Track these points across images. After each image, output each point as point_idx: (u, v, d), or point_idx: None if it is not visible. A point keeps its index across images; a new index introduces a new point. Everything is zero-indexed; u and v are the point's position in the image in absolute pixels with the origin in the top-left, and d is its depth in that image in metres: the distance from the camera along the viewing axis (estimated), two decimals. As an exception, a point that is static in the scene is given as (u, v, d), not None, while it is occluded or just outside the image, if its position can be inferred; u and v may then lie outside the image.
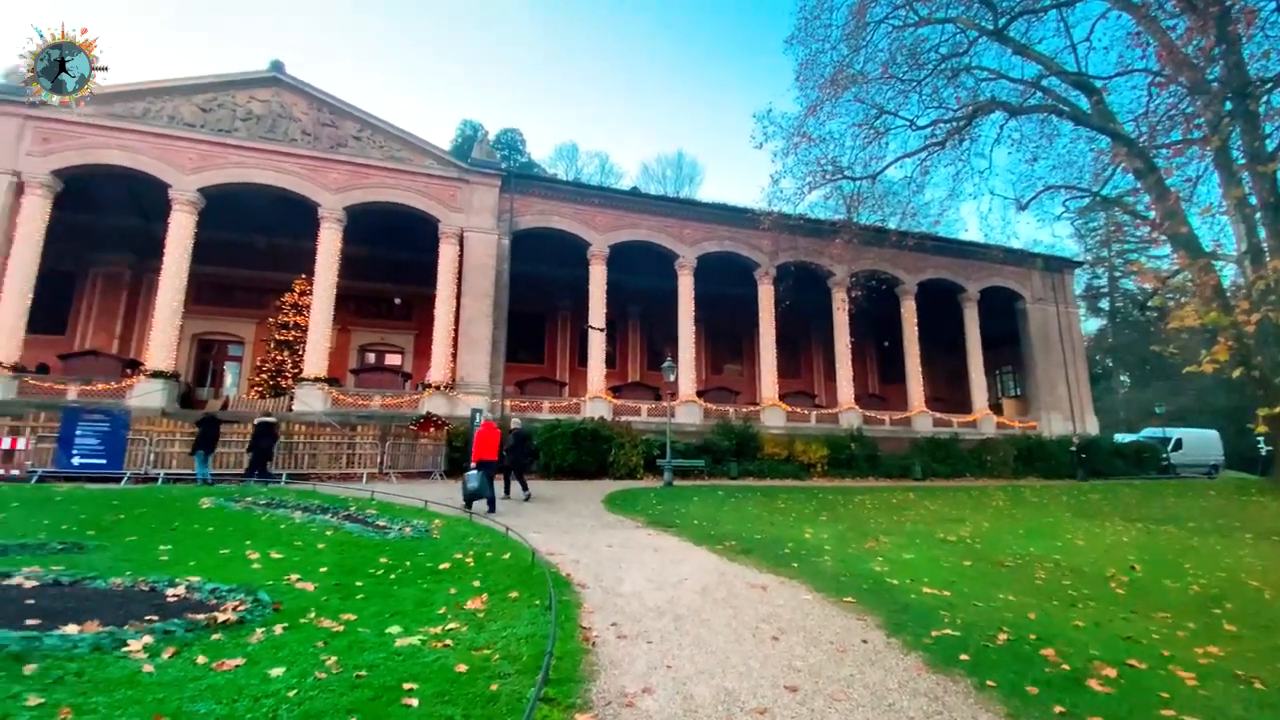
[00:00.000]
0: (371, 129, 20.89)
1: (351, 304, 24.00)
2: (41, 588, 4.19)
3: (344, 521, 7.70)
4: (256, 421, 14.15)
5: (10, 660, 2.98)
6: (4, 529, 6.41)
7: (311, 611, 4.09)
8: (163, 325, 17.89)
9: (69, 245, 19.55)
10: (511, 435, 12.50)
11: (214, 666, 3.09)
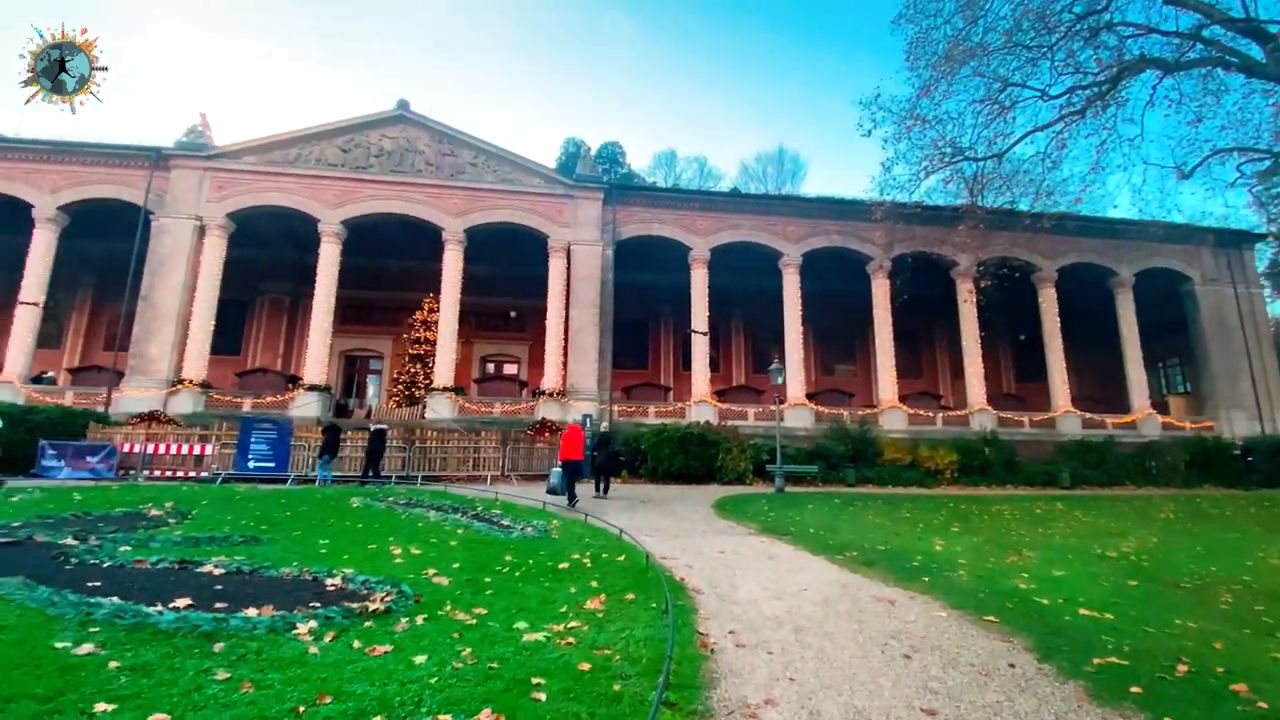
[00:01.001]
0: (485, 155, 22.31)
1: (473, 319, 25.66)
2: (227, 575, 4.84)
3: (472, 521, 8.22)
4: (371, 429, 15.60)
5: (202, 639, 3.46)
6: (197, 524, 7.50)
7: (447, 605, 4.38)
8: (316, 344, 20.17)
9: (241, 277, 22.57)
10: (597, 438, 13.43)
11: (367, 651, 3.40)
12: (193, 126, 20.96)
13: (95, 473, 14.20)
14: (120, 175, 20.54)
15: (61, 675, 2.86)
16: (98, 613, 3.57)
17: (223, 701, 2.71)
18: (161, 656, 3.14)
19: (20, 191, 19.93)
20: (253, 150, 21.14)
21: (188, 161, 20.51)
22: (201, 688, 2.83)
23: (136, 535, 6.31)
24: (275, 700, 2.74)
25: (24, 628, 3.39)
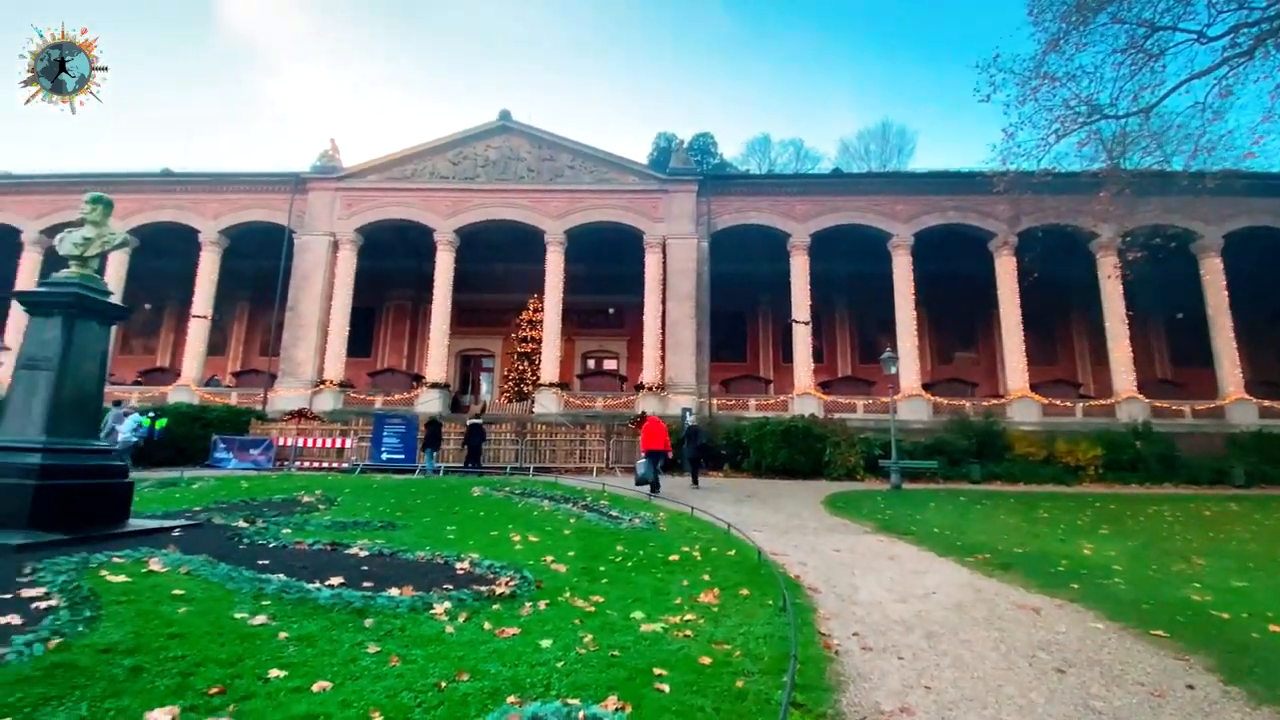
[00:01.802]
0: (582, 156, 22.87)
1: (574, 316, 26.45)
2: (370, 557, 5.30)
3: (583, 511, 8.48)
4: (468, 423, 16.53)
5: (354, 614, 3.79)
6: (342, 510, 8.29)
7: (566, 592, 4.53)
8: (435, 345, 21.69)
9: (369, 286, 24.71)
10: (685, 431, 14.31)
11: (497, 633, 3.58)
12: (324, 152, 23.18)
13: (257, 464, 16.17)
14: (267, 200, 23.16)
15: (240, 643, 3.25)
16: (268, 588, 4.03)
17: (375, 673, 2.95)
18: (321, 629, 3.47)
19: (189, 219, 23.02)
20: (375, 169, 23.04)
21: (321, 184, 22.73)
22: (356, 659, 3.10)
23: (294, 519, 7.09)
24: (419, 674, 2.94)
25: (209, 600, 3.89)
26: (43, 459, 5.38)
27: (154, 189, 23.17)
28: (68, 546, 4.82)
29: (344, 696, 2.68)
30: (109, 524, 5.72)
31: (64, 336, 5.68)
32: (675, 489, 12.76)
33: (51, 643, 2.96)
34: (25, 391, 5.68)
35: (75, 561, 4.32)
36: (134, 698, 2.57)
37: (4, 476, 5.27)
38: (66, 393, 5.68)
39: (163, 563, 4.42)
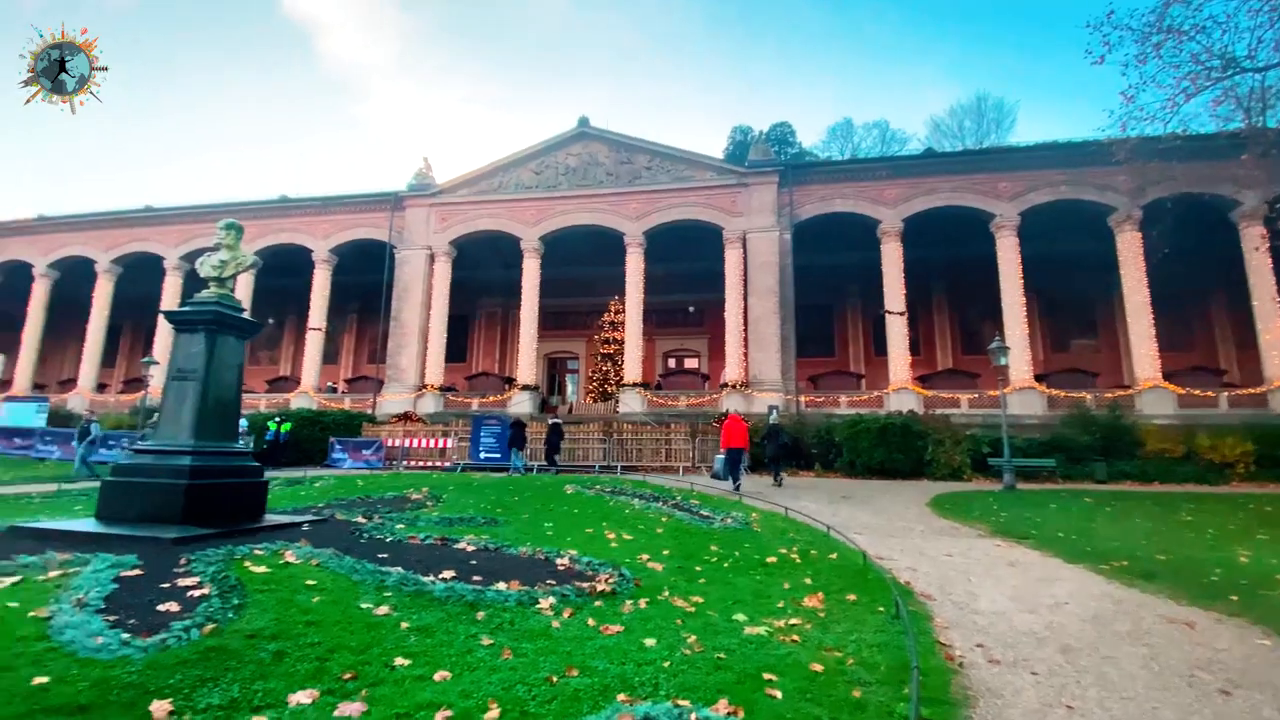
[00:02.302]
0: (658, 156, 22.91)
1: (654, 316, 26.54)
2: (477, 551, 5.52)
3: (674, 510, 8.46)
4: (548, 423, 17.12)
5: (467, 607, 3.94)
6: (448, 507, 8.72)
7: (665, 591, 4.51)
8: (525, 349, 22.49)
9: (463, 295, 25.97)
10: (766, 429, 14.11)
11: (601, 630, 3.61)
12: (418, 170, 24.62)
13: (369, 463, 17.41)
14: (370, 218, 24.90)
15: (368, 631, 3.46)
16: (388, 580, 4.29)
17: (489, 665, 3.05)
18: (438, 620, 3.64)
19: (303, 240, 25.16)
20: (465, 184, 24.20)
21: (417, 200, 24.15)
22: (472, 650, 3.23)
23: (405, 515, 7.55)
24: (531, 668, 3.01)
25: (337, 590, 4.19)
26: (192, 461, 6.02)
27: (272, 214, 25.52)
28: (215, 540, 5.36)
29: (463, 687, 2.78)
30: (249, 519, 6.32)
31: (207, 350, 6.34)
32: (761, 488, 12.48)
33: (206, 628, 3.28)
34: (176, 400, 6.39)
35: (222, 554, 4.79)
36: (278, 680, 2.79)
37: (160, 477, 5.95)
38: (210, 401, 6.33)
39: (296, 555, 4.82)
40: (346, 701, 2.60)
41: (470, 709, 2.58)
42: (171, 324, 6.88)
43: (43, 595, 3.71)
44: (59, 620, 3.27)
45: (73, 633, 3.10)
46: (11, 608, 3.47)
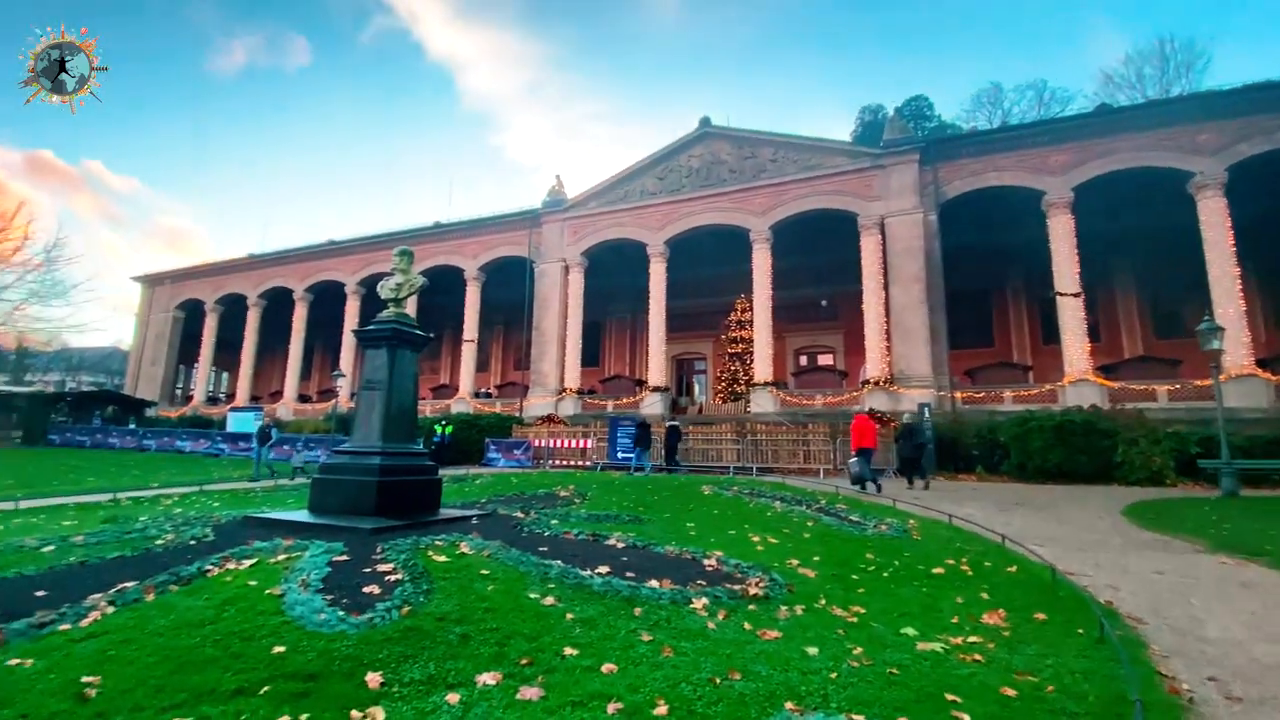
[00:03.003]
0: (783, 147, 22.24)
1: (783, 313, 25.74)
2: (627, 548, 5.68)
3: (819, 514, 8.12)
4: (666, 425, 17.22)
5: (624, 602, 4.06)
6: (593, 504, 9.10)
7: (821, 599, 4.32)
8: (654, 351, 22.92)
9: (595, 303, 27.04)
10: (901, 429, 13.34)
11: (758, 634, 3.54)
12: (552, 188, 26.06)
13: (520, 462, 18.69)
14: (511, 237, 26.79)
15: (537, 620, 3.69)
16: (550, 572, 4.55)
17: (651, 661, 3.11)
18: (599, 614, 3.79)
19: (456, 261, 27.64)
20: (593, 197, 25.21)
21: (552, 217, 25.58)
22: (633, 645, 3.31)
23: (557, 511, 7.99)
24: (693, 668, 3.03)
25: (507, 580, 4.51)
26: (381, 460, 6.83)
27: (429, 239, 28.35)
28: (402, 530, 6.03)
29: (629, 681, 2.86)
30: (428, 512, 7.04)
31: (389, 363, 7.18)
32: (916, 493, 11.59)
33: (403, 610, 3.68)
34: (366, 407, 7.30)
35: (409, 543, 5.37)
36: (466, 661, 3.06)
37: (358, 475, 6.81)
38: (393, 407, 7.16)
39: (470, 547, 5.27)
40: (526, 686, 2.78)
41: (639, 703, 2.64)
42: (359, 341, 7.87)
43: (274, 576, 4.39)
44: (289, 598, 3.84)
45: (300, 609, 3.63)
46: (252, 586, 4.15)
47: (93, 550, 5.29)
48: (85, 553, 5.18)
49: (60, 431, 26.86)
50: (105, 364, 57.92)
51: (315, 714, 2.48)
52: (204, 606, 3.70)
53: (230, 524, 6.58)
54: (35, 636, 3.23)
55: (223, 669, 2.87)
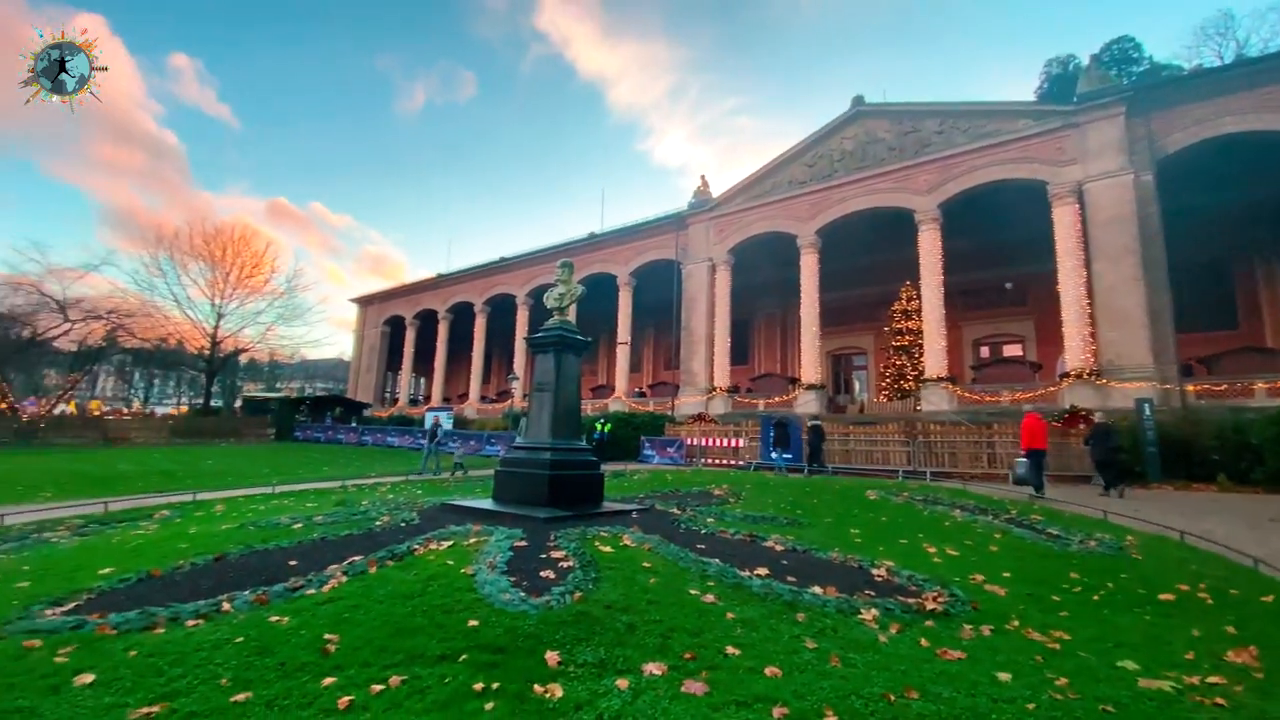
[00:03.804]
0: (951, 117, 20.19)
1: (958, 299, 23.37)
2: (786, 552, 5.55)
3: (1009, 525, 7.26)
4: (808, 424, 16.41)
5: (785, 606, 3.98)
6: (748, 504, 9.00)
7: (1014, 620, 3.87)
8: (807, 347, 22.05)
9: (742, 300, 26.70)
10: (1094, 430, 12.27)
11: (938, 653, 3.27)
12: (697, 189, 26.26)
13: (673, 460, 19.07)
14: (659, 241, 27.44)
15: (698, 617, 3.75)
16: (709, 570, 4.61)
17: (818, 669, 3.02)
18: (760, 616, 3.76)
19: (609, 268, 28.93)
20: (738, 193, 24.92)
21: (697, 217, 25.76)
22: (797, 651, 3.24)
23: (712, 510, 8.04)
24: (863, 681, 2.88)
25: (668, 574, 4.64)
26: (551, 455, 7.41)
27: (584, 250, 30.01)
28: (571, 521, 6.48)
29: (794, 687, 2.80)
30: (592, 505, 7.50)
31: (555, 367, 7.77)
32: (1145, 504, 9.87)
33: (575, 595, 3.96)
34: (537, 407, 7.96)
35: (578, 533, 5.76)
36: (632, 650, 3.21)
37: (532, 468, 7.45)
38: (560, 407, 7.73)
39: (632, 539, 5.52)
40: (690, 680, 2.84)
41: (805, 711, 2.58)
42: (529, 347, 8.60)
43: (467, 557, 4.96)
44: (479, 577, 4.32)
45: (489, 588, 4.07)
46: (449, 565, 4.72)
47: (329, 528, 6.38)
48: (324, 530, 6.28)
49: (302, 429, 32.67)
50: (333, 372, 69.49)
51: (504, 683, 2.77)
52: (413, 580, 4.30)
53: (431, 509, 7.55)
54: (288, 598, 3.98)
55: (429, 636, 3.32)
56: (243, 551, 5.31)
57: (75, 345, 30.35)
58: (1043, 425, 11.82)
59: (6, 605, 3.96)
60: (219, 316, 36.61)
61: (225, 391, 54.82)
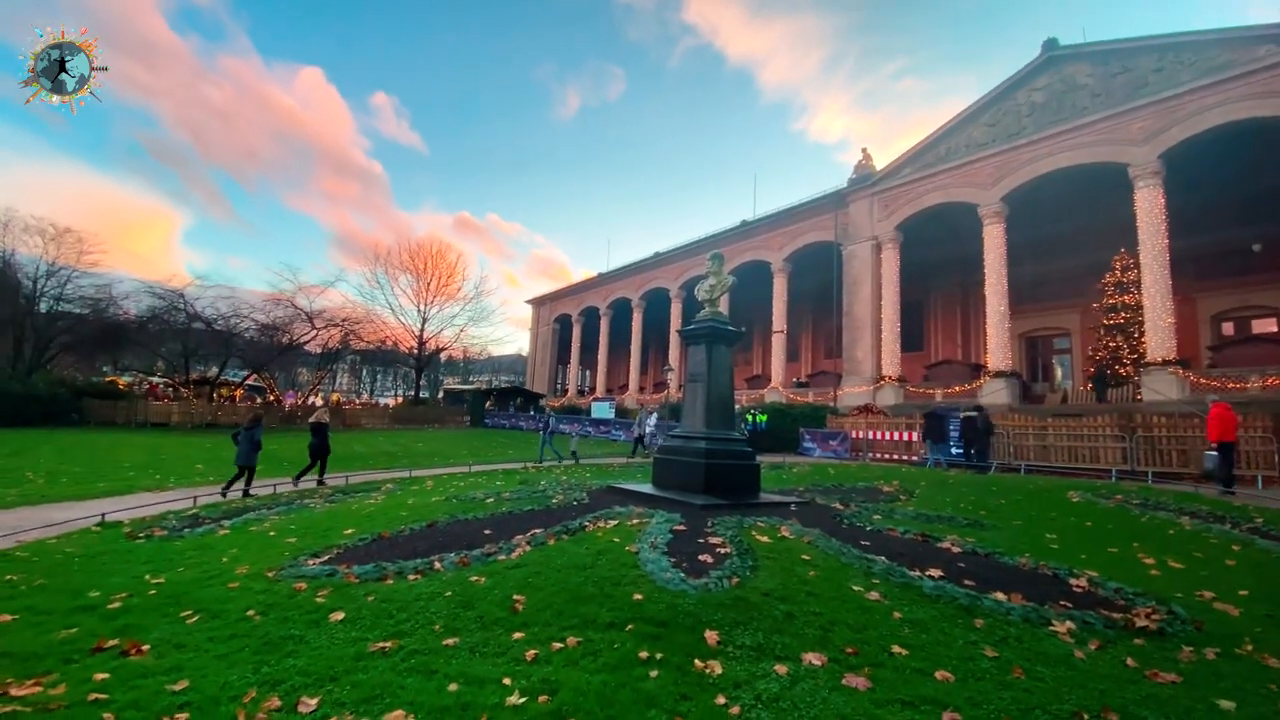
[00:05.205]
0: (1173, 50, 16.77)
1: (1189, 267, 19.37)
2: (964, 554, 5.12)
3: (1252, 536, 5.97)
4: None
5: (961, 610, 3.71)
6: (922, 503, 8.38)
7: (1247, 643, 3.24)
8: (994, 329, 19.73)
9: (913, 280, 24.63)
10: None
11: (1146, 674, 2.86)
12: (858, 163, 24.67)
13: (836, 453, 18.28)
14: (816, 223, 26.27)
15: (861, 613, 3.65)
16: (874, 568, 4.44)
17: (997, 679, 2.81)
18: (930, 618, 3.56)
19: (762, 255, 28.34)
20: (906, 163, 22.95)
21: (859, 194, 24.22)
22: (974, 659, 3.03)
23: (880, 507, 7.63)
24: (1051, 697, 2.63)
25: (828, 569, 4.55)
26: (706, 445, 7.58)
27: (736, 239, 29.74)
28: (727, 509, 6.59)
29: (969, 694, 2.65)
30: (749, 495, 7.54)
31: (707, 358, 7.91)
32: None
33: (732, 580, 4.07)
34: (691, 398, 8.17)
35: (734, 521, 5.85)
36: (790, 638, 3.24)
37: (688, 456, 7.69)
38: (713, 397, 7.87)
39: (790, 531, 5.49)
40: (852, 674, 2.82)
41: (980, 719, 2.44)
42: (682, 339, 8.84)
43: (631, 535, 5.31)
44: (642, 555, 4.61)
45: (651, 566, 4.33)
46: (615, 542, 5.09)
47: (514, 504, 7.19)
48: (511, 505, 7.08)
49: (490, 416, 36.58)
50: (514, 366, 76.80)
51: (667, 655, 2.98)
52: (585, 553, 4.73)
53: (598, 491, 8.14)
54: (484, 562, 4.60)
55: (599, 605, 3.65)
56: (448, 520, 6.21)
57: (320, 348, 36.98)
58: (1233, 416, 10.88)
59: (280, 555, 5.09)
60: (423, 320, 42.27)
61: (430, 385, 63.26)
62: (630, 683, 2.71)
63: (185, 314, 30.08)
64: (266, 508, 7.66)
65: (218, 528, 6.42)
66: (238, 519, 6.87)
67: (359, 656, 3.01)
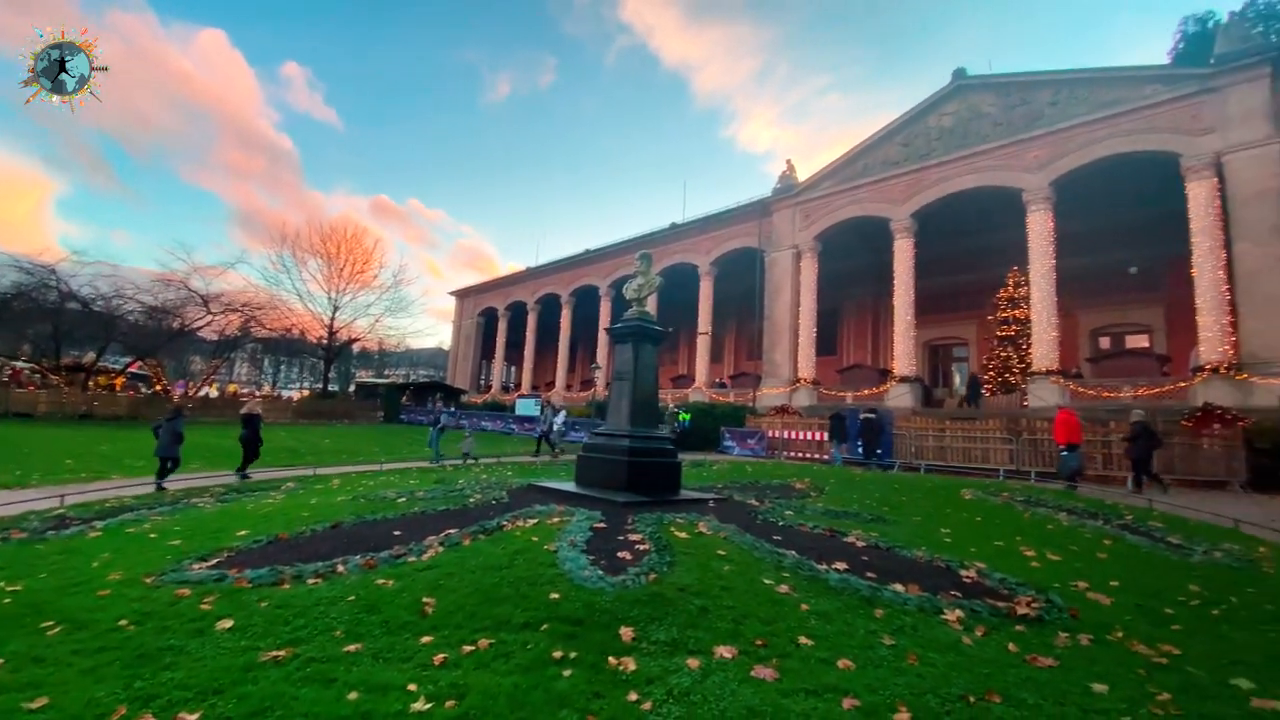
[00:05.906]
0: (1067, 86, 18.45)
1: (1074, 286, 21.38)
2: (867, 548, 5.42)
3: (1122, 531, 6.68)
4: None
5: (863, 601, 3.91)
6: (830, 499, 8.79)
7: (1117, 631, 3.61)
8: (901, 337, 21.03)
9: (829, 288, 25.81)
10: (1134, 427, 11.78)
11: (1027, 659, 3.12)
12: (782, 174, 25.58)
13: (754, 451, 18.89)
14: (741, 229, 27.02)
15: (771, 606, 3.77)
16: (784, 561, 4.60)
17: (893, 666, 2.97)
18: (835, 609, 3.73)
19: (690, 258, 28.83)
20: (827, 176, 24.03)
21: (782, 204, 25.11)
22: (873, 647, 3.20)
23: (792, 503, 7.93)
24: (942, 681, 2.81)
25: (742, 563, 4.68)
26: (629, 443, 7.61)
27: (666, 241, 30.08)
28: (648, 506, 6.64)
29: (868, 681, 2.79)
30: (669, 492, 7.63)
31: (634, 357, 7.94)
32: None
33: (650, 576, 4.10)
34: (616, 396, 8.18)
35: (654, 518, 5.90)
36: (704, 632, 3.30)
37: (611, 454, 7.68)
38: (638, 396, 7.91)
39: (707, 527, 5.59)
40: (761, 665, 2.90)
41: (878, 705, 2.57)
42: (609, 337, 8.83)
43: (550, 534, 5.23)
44: (560, 554, 4.55)
45: (569, 565, 4.28)
46: (534, 541, 5.00)
47: (429, 503, 6.91)
48: (424, 505, 6.80)
49: (407, 412, 35.10)
50: (433, 360, 74.02)
51: (581, 653, 2.95)
52: (502, 553, 4.61)
53: (518, 489, 7.97)
54: (393, 564, 4.39)
55: (514, 605, 3.56)
56: (355, 521, 5.89)
57: (216, 335, 34.15)
58: (1077, 420, 12.49)
59: (161, 559, 4.65)
60: (334, 309, 39.96)
61: (340, 377, 59.86)
62: (543, 683, 2.66)
63: (58, 292, 26.88)
64: (148, 507, 6.97)
65: (88, 529, 5.79)
66: (113, 519, 6.22)
67: (248, 667, 2.79)
